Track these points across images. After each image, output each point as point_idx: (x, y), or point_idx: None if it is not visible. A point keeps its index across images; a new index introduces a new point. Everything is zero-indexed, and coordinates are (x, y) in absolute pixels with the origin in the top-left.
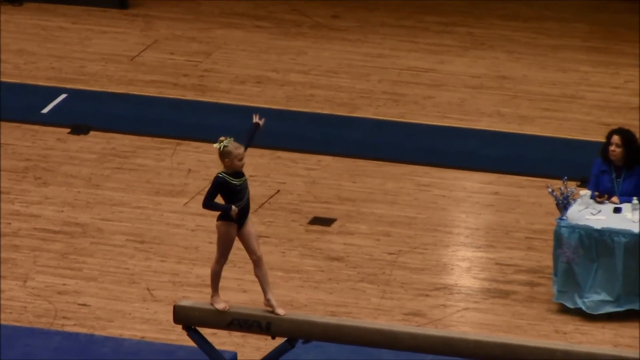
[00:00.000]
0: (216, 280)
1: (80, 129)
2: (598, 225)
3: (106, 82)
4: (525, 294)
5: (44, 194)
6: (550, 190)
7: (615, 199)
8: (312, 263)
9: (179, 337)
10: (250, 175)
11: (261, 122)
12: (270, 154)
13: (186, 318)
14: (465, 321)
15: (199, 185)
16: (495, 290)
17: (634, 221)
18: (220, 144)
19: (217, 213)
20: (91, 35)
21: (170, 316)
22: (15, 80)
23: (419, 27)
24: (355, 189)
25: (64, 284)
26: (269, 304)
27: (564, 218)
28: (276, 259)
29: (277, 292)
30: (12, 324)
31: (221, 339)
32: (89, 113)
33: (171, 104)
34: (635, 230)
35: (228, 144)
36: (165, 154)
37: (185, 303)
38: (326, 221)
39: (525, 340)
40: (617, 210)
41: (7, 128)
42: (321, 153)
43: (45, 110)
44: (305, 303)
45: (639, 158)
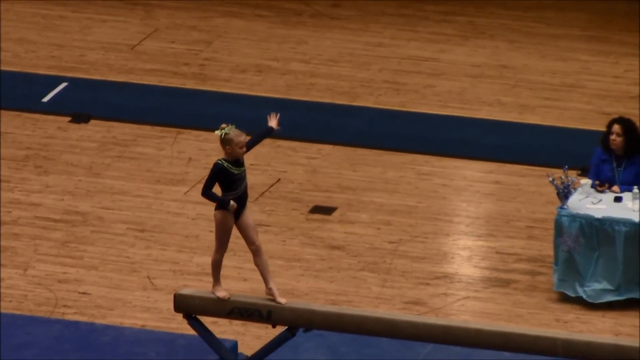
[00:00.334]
0: (217, 269)
1: (80, 118)
2: (599, 214)
3: (106, 71)
4: (526, 282)
5: (44, 183)
6: (550, 179)
7: (615, 188)
8: (313, 252)
9: (180, 326)
10: (251, 164)
11: (277, 127)
12: (270, 142)
13: (187, 306)
14: (465, 310)
15: (199, 173)
16: (495, 279)
17: (634, 210)
18: (221, 131)
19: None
20: (91, 23)
21: (171, 305)
22: (15, 69)
23: (419, 16)
24: (356, 178)
25: (65, 273)
26: (270, 292)
27: (565, 207)
28: (277, 247)
29: (278, 281)
30: (13, 312)
31: (222, 328)
32: (89, 102)
33: (171, 93)
34: (636, 219)
35: (229, 131)
36: (165, 142)
37: (185, 291)
38: (327, 210)
39: (526, 329)
40: (618, 199)
41: (8, 117)
42: (322, 142)
43: (45, 99)
44: (305, 292)
45: (639, 147)
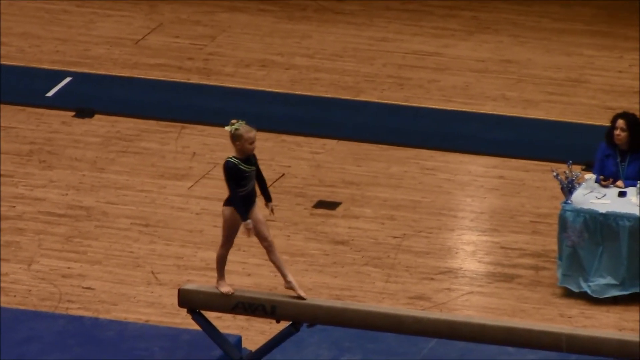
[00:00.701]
0: (222, 265)
1: (84, 113)
2: (603, 209)
3: (111, 66)
4: (530, 277)
5: (48, 177)
6: (555, 174)
7: (620, 182)
8: (317, 247)
9: (184, 321)
10: None
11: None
12: (275, 137)
13: (191, 301)
14: (470, 305)
15: (203, 168)
16: (500, 274)
17: (638, 205)
18: (231, 127)
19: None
20: (96, 18)
21: (175, 300)
22: (19, 64)
23: (424, 11)
24: (360, 173)
25: (69, 267)
26: (290, 286)
27: (569, 202)
28: (281, 242)
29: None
30: (17, 307)
31: (226, 323)
32: (93, 96)
33: (176, 88)
34: None
35: (239, 127)
36: (169, 137)
37: (189, 286)
38: (331, 205)
39: (530, 324)
40: (622, 194)
41: (12, 111)
42: (326, 137)
43: (49, 94)
44: (310, 287)
45: None
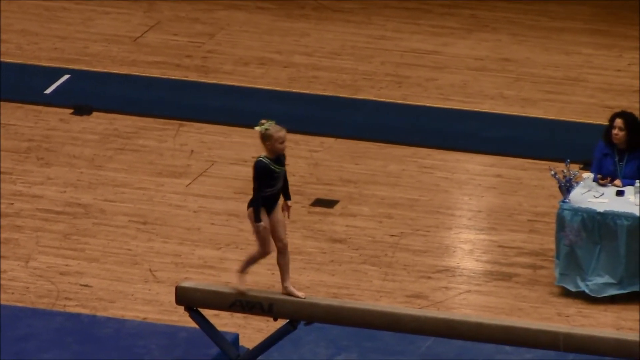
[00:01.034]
0: (249, 264)
1: (82, 110)
2: (601, 208)
3: (109, 63)
4: (528, 276)
5: (46, 175)
6: (553, 172)
7: (618, 181)
8: (315, 245)
9: (181, 319)
10: (253, 157)
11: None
12: None
13: (188, 299)
14: (467, 303)
15: (201, 166)
16: (497, 273)
17: (636, 204)
18: (261, 127)
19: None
20: (94, 15)
21: (172, 297)
22: (18, 61)
23: (423, 9)
24: (358, 171)
25: (66, 265)
26: (287, 291)
27: (567, 201)
28: None
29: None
30: (14, 304)
31: (223, 321)
32: (91, 94)
33: (174, 85)
34: (638, 213)
35: (269, 127)
36: (167, 135)
37: (187, 284)
38: (328, 203)
39: (527, 323)
40: (620, 193)
41: (10, 108)
42: (324, 135)
43: (48, 91)
44: (307, 285)
45: None
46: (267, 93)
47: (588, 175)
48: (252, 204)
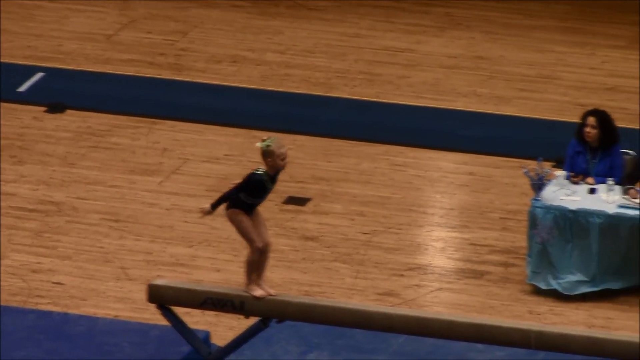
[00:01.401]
0: (251, 269)
1: (56, 108)
2: (573, 206)
3: (83, 61)
4: (499, 274)
5: (19, 173)
6: (525, 170)
7: (590, 179)
8: (287, 242)
9: (153, 316)
10: (225, 155)
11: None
12: (245, 133)
13: (160, 297)
14: (439, 301)
15: (174, 164)
16: (469, 271)
17: (608, 202)
18: (263, 144)
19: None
20: (69, 13)
21: (144, 295)
22: None
23: (396, 7)
24: (330, 169)
25: (39, 263)
26: (246, 289)
27: (539, 199)
28: None
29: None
30: None
31: (194, 318)
32: (65, 92)
33: (147, 83)
34: (610, 211)
35: (271, 143)
36: (140, 132)
37: (159, 282)
38: (301, 201)
39: (499, 320)
40: (592, 191)
41: None
42: (297, 132)
43: (21, 89)
44: (279, 282)
45: (614, 139)
46: (240, 91)
47: (560, 173)
48: (222, 197)
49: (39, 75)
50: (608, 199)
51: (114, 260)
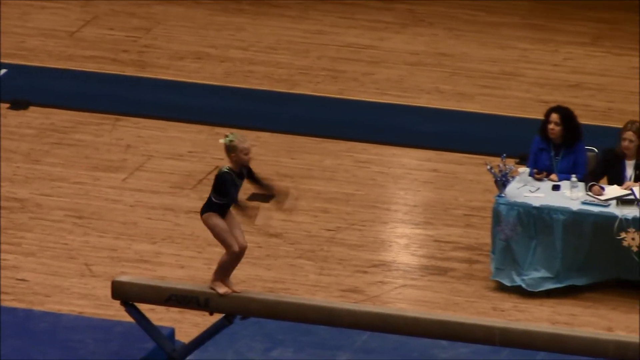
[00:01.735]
0: (225, 270)
1: (19, 104)
2: (536, 203)
3: (46, 58)
4: (463, 271)
5: None
6: (489, 167)
7: (553, 176)
8: (250, 239)
9: (117, 313)
10: (189, 152)
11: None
12: (208, 130)
13: (124, 294)
14: (403, 298)
15: (137, 160)
16: (433, 267)
17: (572, 199)
18: (225, 139)
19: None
20: (31, 10)
21: (108, 292)
22: None
23: (359, 4)
24: (294, 166)
25: (3, 259)
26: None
27: (503, 195)
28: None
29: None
30: None
31: (159, 315)
32: (28, 88)
33: (110, 80)
34: (574, 207)
35: (234, 138)
36: (104, 129)
37: (123, 278)
38: (265, 197)
39: (463, 317)
40: (556, 187)
41: None
42: (260, 129)
43: None
44: (243, 279)
45: (578, 136)
46: (203, 87)
47: (524, 169)
48: (206, 209)
49: (1, 71)
50: (572, 195)
51: (78, 256)
